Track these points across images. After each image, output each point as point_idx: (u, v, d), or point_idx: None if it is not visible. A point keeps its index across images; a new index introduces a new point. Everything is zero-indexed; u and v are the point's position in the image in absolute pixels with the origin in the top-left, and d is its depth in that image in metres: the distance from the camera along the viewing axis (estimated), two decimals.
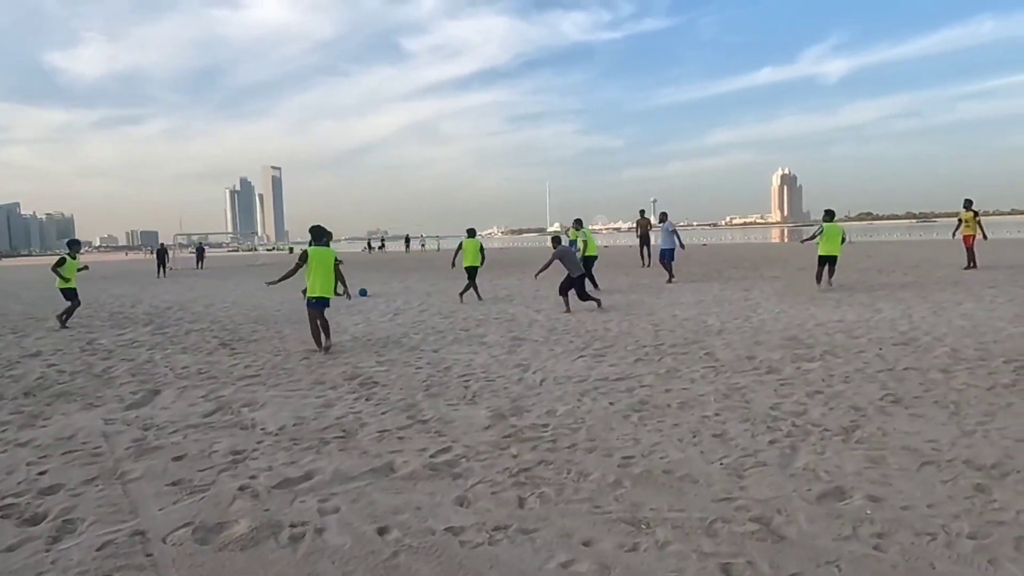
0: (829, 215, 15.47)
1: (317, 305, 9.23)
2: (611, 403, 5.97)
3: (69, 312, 13.11)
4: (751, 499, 3.79)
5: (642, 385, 6.61)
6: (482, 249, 15.51)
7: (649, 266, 23.13)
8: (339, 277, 9.47)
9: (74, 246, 14.30)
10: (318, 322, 9.29)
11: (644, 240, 24.26)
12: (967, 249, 18.74)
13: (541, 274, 14.16)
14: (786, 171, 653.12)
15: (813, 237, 15.12)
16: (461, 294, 15.22)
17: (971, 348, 7.70)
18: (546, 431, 5.23)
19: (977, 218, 18.71)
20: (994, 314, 10.12)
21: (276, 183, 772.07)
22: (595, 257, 17.01)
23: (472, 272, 15.30)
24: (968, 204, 18.79)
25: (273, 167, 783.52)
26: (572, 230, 19.07)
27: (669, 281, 17.40)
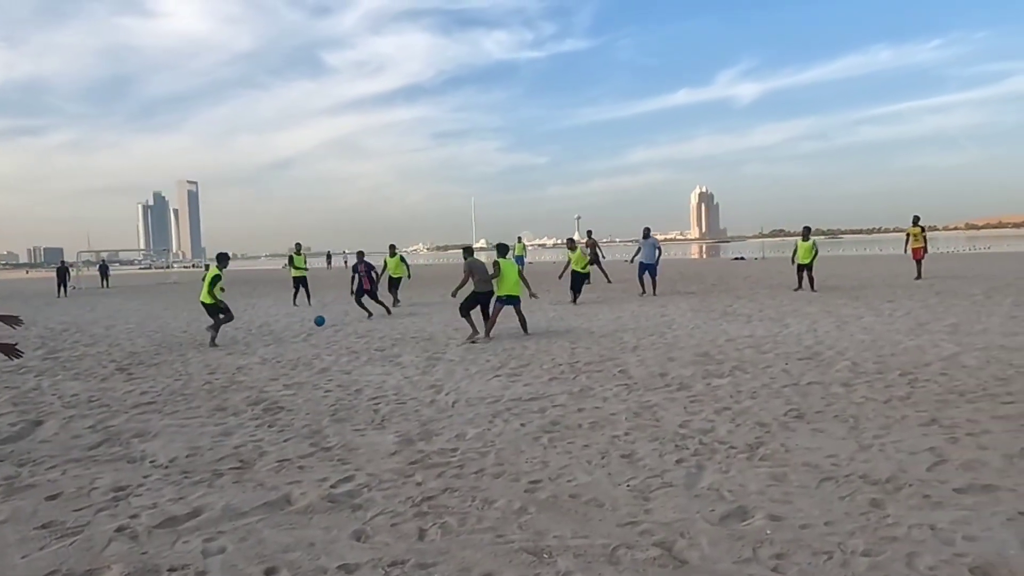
0: (806, 232, 18.13)
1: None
2: (522, 424, 5.87)
3: None
4: (655, 523, 3.74)
5: (555, 405, 6.54)
6: (405, 262, 16.51)
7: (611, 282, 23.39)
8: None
9: None
10: None
11: (595, 259, 23.71)
12: (916, 262, 20.14)
13: (459, 291, 12.95)
14: (703, 189, 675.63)
15: (794, 253, 18.06)
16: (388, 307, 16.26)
17: (870, 361, 7.99)
18: (454, 456, 5.08)
19: (924, 232, 20.13)
20: (892, 327, 10.59)
21: (192, 198, 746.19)
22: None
23: (395, 283, 17.27)
24: (916, 220, 20.27)
25: (189, 181, 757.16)
26: (518, 244, 19.63)
27: (642, 294, 18.56)
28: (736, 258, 48.51)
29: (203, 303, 12.09)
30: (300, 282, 19.33)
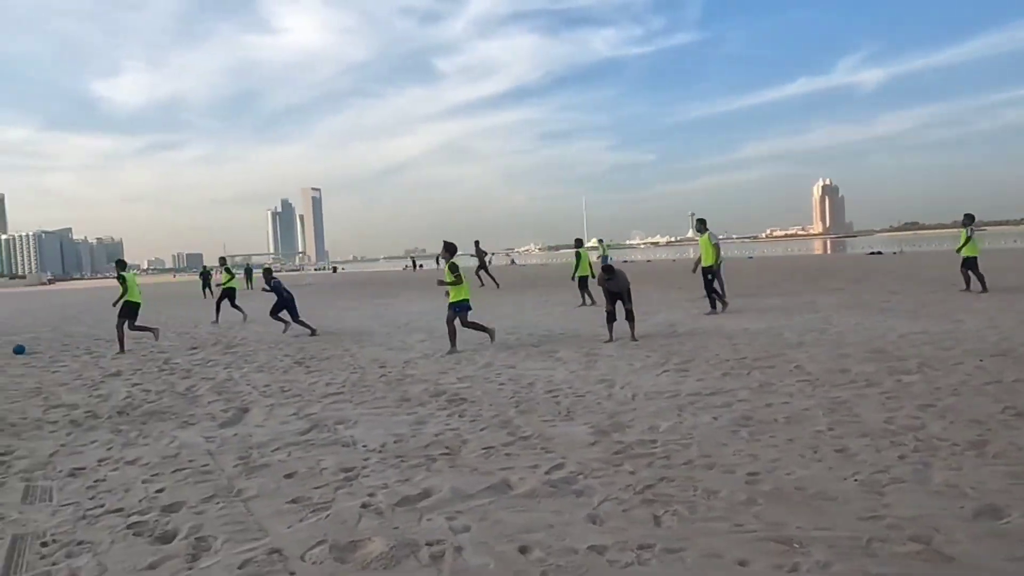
0: (701, 225, 14.23)
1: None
2: (714, 418, 5.82)
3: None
4: (899, 517, 3.61)
5: (738, 400, 6.44)
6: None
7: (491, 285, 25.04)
8: None
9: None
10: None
11: (482, 266, 26.39)
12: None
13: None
14: (827, 182, 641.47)
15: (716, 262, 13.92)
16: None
17: None
18: (656, 447, 5.10)
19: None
20: None
21: (316, 204, 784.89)
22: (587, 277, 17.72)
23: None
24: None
25: (313, 188, 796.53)
26: (600, 245, 19.63)
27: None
28: (873, 252, 45.97)
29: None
30: (227, 294, 19.71)
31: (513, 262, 72.72)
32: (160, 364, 10.84)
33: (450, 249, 11.02)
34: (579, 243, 18.61)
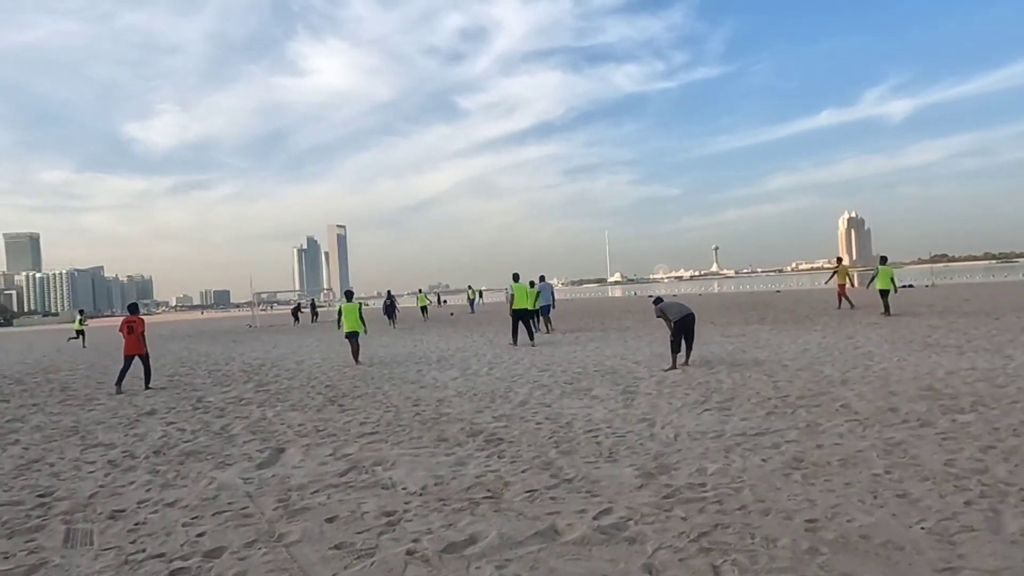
0: (514, 279, 18.15)
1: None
2: (763, 460, 5.62)
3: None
4: (978, 570, 3.42)
5: (787, 440, 6.24)
6: (361, 315, 16.14)
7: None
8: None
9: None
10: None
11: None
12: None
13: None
14: (853, 214, 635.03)
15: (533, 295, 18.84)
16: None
17: None
18: (706, 490, 4.93)
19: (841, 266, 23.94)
20: None
21: (341, 240, 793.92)
22: (526, 310, 18.02)
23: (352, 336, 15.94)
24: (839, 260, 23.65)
25: (338, 225, 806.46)
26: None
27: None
28: (904, 286, 45.10)
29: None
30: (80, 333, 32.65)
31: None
32: (193, 402, 10.85)
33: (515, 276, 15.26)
34: (516, 277, 18.63)
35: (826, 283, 25.19)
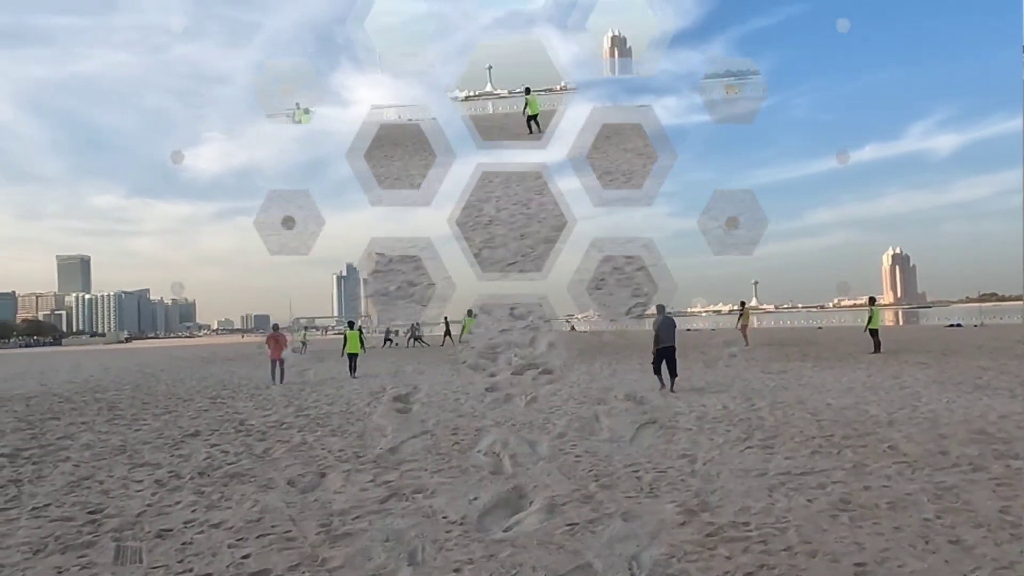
0: (468, 314, 20.55)
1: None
2: (808, 501, 5.53)
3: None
4: None
5: (833, 481, 6.12)
6: (362, 339, 19.07)
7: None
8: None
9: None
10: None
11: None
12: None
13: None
14: (897, 251, 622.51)
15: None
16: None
17: None
18: (750, 530, 4.87)
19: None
20: None
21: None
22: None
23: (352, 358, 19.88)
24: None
25: (378, 253, 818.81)
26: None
27: None
28: (952, 325, 44.00)
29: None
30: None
31: (573, 328, 72.52)
32: (236, 425, 11.04)
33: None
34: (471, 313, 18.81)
35: (736, 326, 25.79)
